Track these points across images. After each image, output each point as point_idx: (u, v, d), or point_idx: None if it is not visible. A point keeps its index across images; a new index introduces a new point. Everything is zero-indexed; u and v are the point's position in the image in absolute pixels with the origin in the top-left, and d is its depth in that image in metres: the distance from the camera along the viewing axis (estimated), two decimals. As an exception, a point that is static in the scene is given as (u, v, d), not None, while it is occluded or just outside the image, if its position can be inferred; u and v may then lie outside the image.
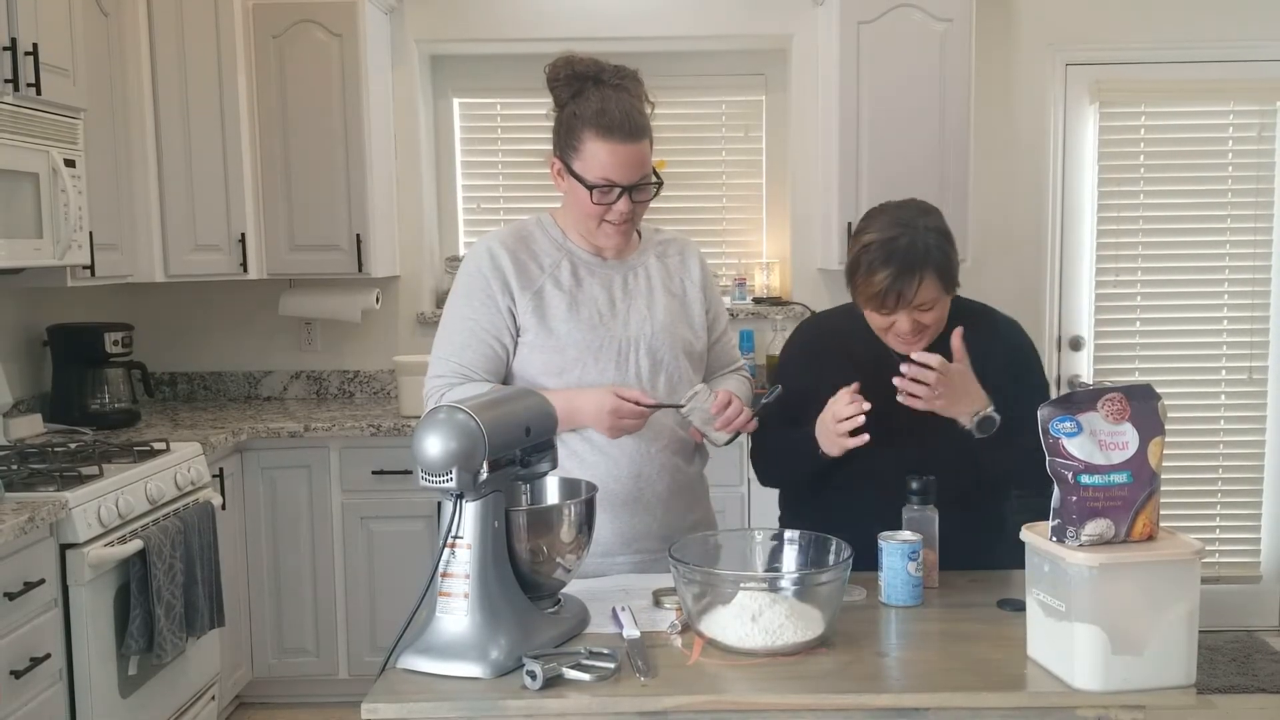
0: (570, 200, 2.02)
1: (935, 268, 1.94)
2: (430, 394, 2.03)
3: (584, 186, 1.95)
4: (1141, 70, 4.14)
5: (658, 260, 2.13)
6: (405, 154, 4.20)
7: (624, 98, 1.94)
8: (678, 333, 2.09)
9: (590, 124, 1.92)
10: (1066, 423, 1.52)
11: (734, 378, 2.24)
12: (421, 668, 1.57)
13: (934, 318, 1.99)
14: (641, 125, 1.95)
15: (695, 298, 2.15)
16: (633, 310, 2.06)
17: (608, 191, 1.94)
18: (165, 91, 3.69)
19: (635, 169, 1.95)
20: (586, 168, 1.94)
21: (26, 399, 3.57)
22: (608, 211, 1.97)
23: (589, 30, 4.10)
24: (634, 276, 2.09)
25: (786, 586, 1.66)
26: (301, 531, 3.70)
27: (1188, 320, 4.22)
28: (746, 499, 3.67)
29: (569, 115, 1.96)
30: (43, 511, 2.47)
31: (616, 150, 1.92)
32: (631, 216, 1.99)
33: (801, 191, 4.20)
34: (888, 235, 1.96)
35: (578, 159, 1.95)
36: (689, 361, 2.11)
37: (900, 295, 1.94)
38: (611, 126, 1.91)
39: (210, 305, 4.26)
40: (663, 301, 2.09)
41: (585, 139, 1.93)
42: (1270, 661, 3.98)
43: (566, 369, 2.01)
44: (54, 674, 2.55)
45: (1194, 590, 1.50)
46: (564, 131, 1.98)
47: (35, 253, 2.92)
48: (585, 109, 1.93)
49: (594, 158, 1.93)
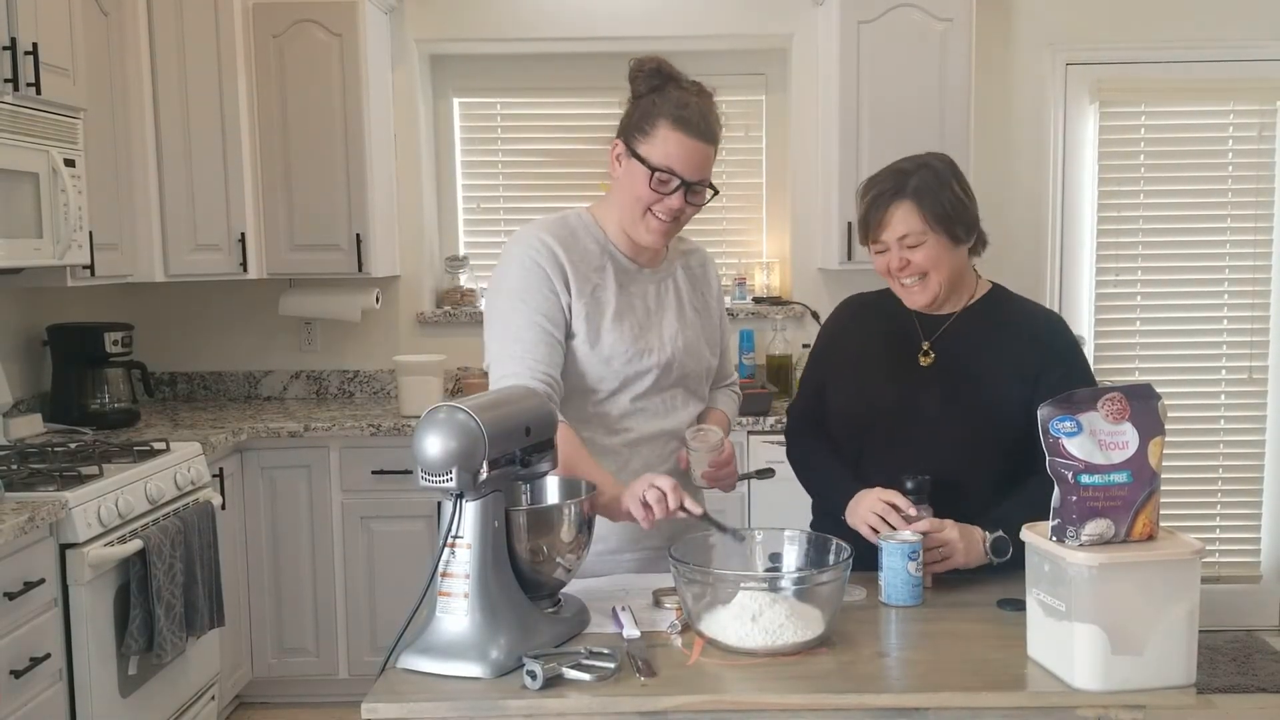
0: (622, 186, 1.99)
1: (915, 196, 1.93)
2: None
3: (645, 167, 1.93)
4: (1142, 70, 4.14)
5: (684, 271, 2.14)
6: (405, 154, 4.19)
7: (705, 100, 1.96)
8: (701, 350, 2.10)
9: (668, 113, 1.92)
10: (1066, 422, 1.52)
11: (725, 394, 2.25)
12: (421, 667, 1.57)
13: (925, 258, 1.95)
14: (715, 130, 1.96)
15: (715, 312, 2.17)
16: (665, 324, 2.05)
17: (667, 181, 1.93)
18: (165, 91, 3.69)
19: (699, 168, 1.94)
20: (653, 151, 1.93)
21: (26, 399, 3.57)
22: (659, 203, 1.95)
23: (589, 30, 4.11)
24: (665, 287, 2.09)
25: (786, 586, 1.66)
26: (301, 531, 3.70)
27: (1188, 320, 4.22)
28: (746, 499, 3.67)
29: (648, 103, 1.95)
30: (42, 511, 2.47)
31: (686, 143, 1.91)
32: (679, 216, 1.98)
33: (802, 191, 4.20)
34: (885, 169, 1.99)
35: (646, 142, 1.93)
36: (705, 380, 2.13)
37: (873, 221, 1.96)
38: (688, 120, 1.91)
39: (210, 305, 4.26)
40: (690, 317, 2.10)
41: (659, 124, 1.92)
42: (1270, 661, 3.98)
43: (607, 380, 1.98)
44: (54, 674, 2.55)
45: (1194, 590, 1.50)
46: (638, 115, 1.96)
47: (35, 252, 2.92)
48: (666, 100, 1.93)
49: (664, 143, 1.92)
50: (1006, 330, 2.02)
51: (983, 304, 2.06)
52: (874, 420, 2.04)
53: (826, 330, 2.24)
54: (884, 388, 2.03)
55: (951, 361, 2.01)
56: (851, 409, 2.08)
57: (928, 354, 2.04)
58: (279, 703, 3.79)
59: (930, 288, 1.98)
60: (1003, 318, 2.04)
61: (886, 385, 2.03)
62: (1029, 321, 2.04)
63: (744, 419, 3.65)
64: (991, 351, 2.00)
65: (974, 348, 2.01)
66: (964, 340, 2.02)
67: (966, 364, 2.00)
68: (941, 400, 1.98)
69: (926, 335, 2.04)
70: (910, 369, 2.03)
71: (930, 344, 2.04)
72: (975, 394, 1.97)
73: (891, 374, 2.03)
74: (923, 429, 1.98)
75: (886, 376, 2.04)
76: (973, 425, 1.96)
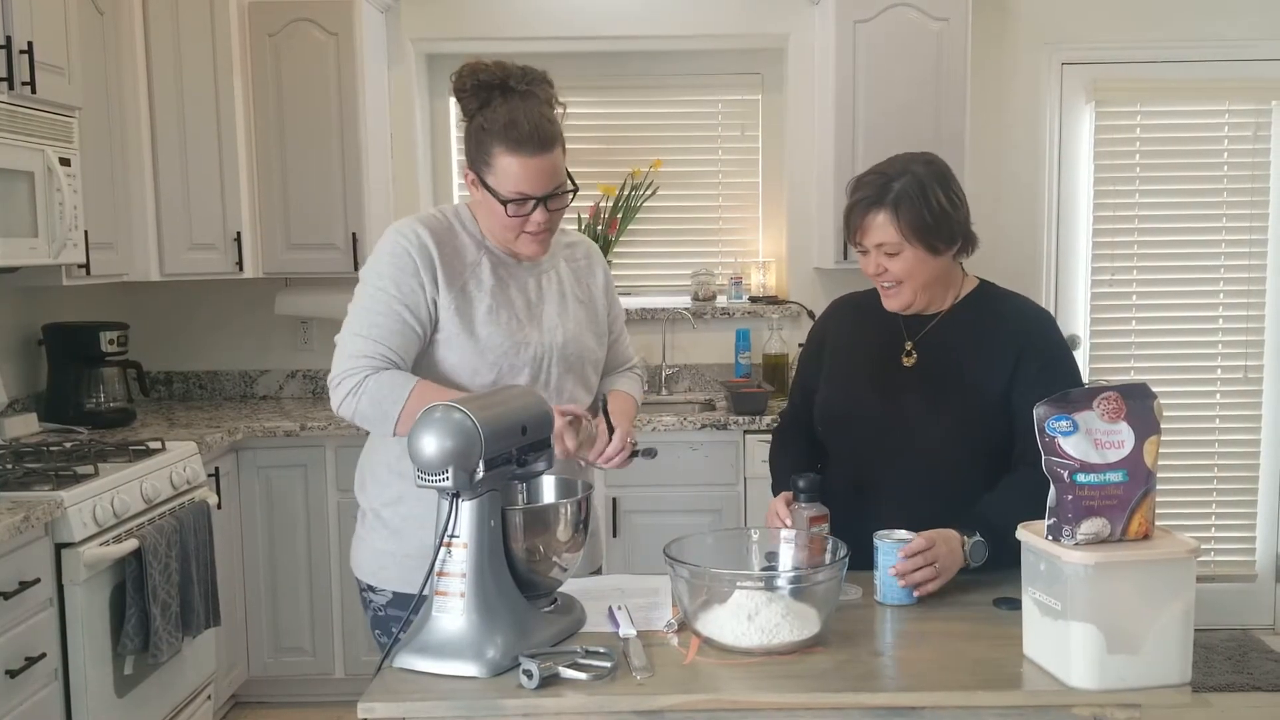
0: (487, 212, 1.99)
1: (894, 207, 1.93)
2: (347, 374, 1.91)
3: (498, 201, 1.92)
4: (1138, 70, 4.15)
5: (567, 264, 2.14)
6: (401, 153, 4.19)
7: (532, 106, 1.90)
8: (585, 340, 2.11)
9: (499, 138, 1.89)
10: (1062, 421, 1.52)
11: (627, 376, 2.28)
12: (418, 667, 1.57)
13: (900, 268, 1.96)
14: (551, 134, 1.92)
15: (600, 302, 2.17)
16: (546, 316, 2.06)
17: (522, 204, 1.92)
18: (161, 90, 3.68)
19: (548, 179, 1.92)
20: (499, 182, 1.91)
21: (21, 398, 3.56)
22: (525, 223, 1.95)
23: (584, 29, 4.11)
24: (546, 280, 2.09)
25: (783, 585, 1.66)
26: (297, 531, 3.70)
27: (1183, 319, 4.23)
28: (743, 498, 3.67)
29: (477, 128, 1.92)
30: (38, 511, 2.47)
31: (528, 164, 1.89)
32: (549, 225, 1.98)
33: (798, 190, 4.20)
34: (873, 169, 2.00)
35: (490, 173, 1.92)
36: (592, 368, 2.13)
37: (853, 225, 1.98)
38: (521, 140, 1.88)
39: (206, 304, 4.26)
40: (573, 308, 2.10)
41: (496, 153, 1.90)
42: (1265, 660, 3.98)
43: (482, 371, 1.98)
44: (49, 673, 2.55)
45: (1189, 589, 1.50)
46: (474, 144, 1.94)
47: (30, 252, 2.91)
48: (493, 122, 1.89)
49: (506, 172, 1.90)
50: (989, 327, 2.02)
51: (967, 302, 2.06)
52: (858, 422, 2.04)
53: (815, 332, 2.25)
54: (867, 390, 2.04)
55: (934, 363, 2.02)
56: (836, 411, 2.09)
57: (911, 355, 2.04)
58: (275, 702, 3.78)
59: (903, 295, 2.00)
60: (986, 315, 2.04)
61: (870, 387, 2.04)
62: (1014, 316, 2.04)
63: (739, 418, 3.65)
64: (974, 350, 2.00)
65: (956, 348, 2.01)
66: (947, 341, 2.03)
67: (949, 365, 2.01)
68: (923, 402, 1.98)
69: (911, 336, 2.05)
70: (894, 371, 2.04)
71: (914, 345, 2.05)
72: (957, 396, 1.98)
73: (875, 376, 2.04)
74: (905, 431, 1.99)
75: (870, 378, 2.04)
76: (954, 427, 1.97)
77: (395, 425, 1.90)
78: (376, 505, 2.07)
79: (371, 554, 2.08)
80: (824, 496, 1.91)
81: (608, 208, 4.20)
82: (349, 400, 1.91)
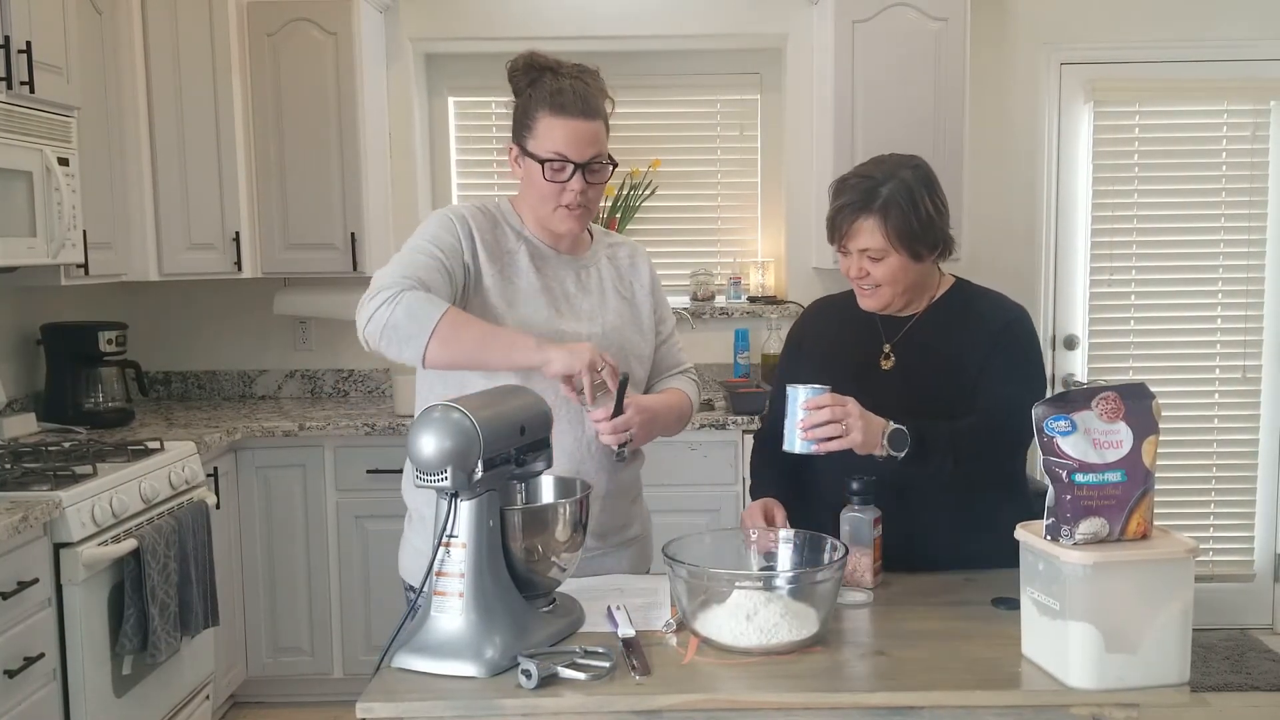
0: (527, 185, 2.01)
1: (881, 213, 1.93)
2: (384, 288, 1.84)
3: (536, 162, 1.94)
4: (1136, 69, 4.15)
5: (609, 261, 2.14)
6: (400, 152, 4.19)
7: (580, 85, 1.95)
8: (627, 333, 2.09)
9: (544, 104, 1.94)
10: (1061, 421, 1.52)
11: (681, 378, 2.24)
12: (416, 667, 1.56)
13: (883, 273, 1.97)
14: (595, 107, 1.96)
15: (644, 301, 2.16)
16: (584, 307, 2.06)
17: (560, 168, 1.94)
18: (159, 89, 3.68)
19: (588, 146, 1.94)
20: (539, 145, 1.94)
21: (20, 398, 3.56)
22: (563, 192, 1.95)
23: (583, 29, 4.11)
24: (587, 274, 2.10)
25: (781, 585, 1.66)
26: (296, 531, 3.69)
27: (1182, 319, 4.23)
28: (742, 498, 3.67)
29: (525, 99, 1.97)
30: (36, 511, 2.47)
31: (568, 125, 1.92)
32: (586, 201, 1.98)
33: (796, 190, 4.21)
34: (859, 171, 2.00)
35: (531, 138, 1.96)
36: (637, 362, 2.11)
37: (839, 230, 1.98)
38: (564, 104, 1.93)
39: (204, 304, 4.26)
40: (613, 302, 2.10)
41: (539, 118, 1.94)
42: (1264, 659, 3.99)
43: None
44: (48, 673, 2.55)
45: (1188, 588, 1.50)
46: (520, 115, 1.99)
47: (29, 251, 2.91)
48: (540, 92, 1.95)
49: (547, 134, 1.93)
50: (963, 325, 2.03)
51: (943, 302, 2.07)
52: None
53: (793, 334, 2.25)
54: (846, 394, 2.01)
55: (910, 365, 2.03)
56: None
57: (889, 358, 2.05)
58: (274, 702, 3.78)
59: (882, 297, 2.02)
60: (963, 314, 2.05)
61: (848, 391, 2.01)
62: (990, 313, 2.05)
63: (738, 418, 3.65)
64: (951, 350, 2.01)
65: (934, 349, 2.02)
66: (925, 342, 2.03)
67: (925, 366, 2.02)
68: (900, 405, 1.96)
69: (889, 338, 2.06)
70: (872, 373, 2.04)
71: (891, 347, 2.05)
72: (933, 398, 1.98)
73: (853, 379, 2.01)
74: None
75: (848, 382, 2.01)
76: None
77: (428, 340, 1.81)
78: (419, 504, 2.07)
79: (413, 553, 2.09)
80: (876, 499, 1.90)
81: (606, 207, 4.20)
82: (383, 310, 1.82)
